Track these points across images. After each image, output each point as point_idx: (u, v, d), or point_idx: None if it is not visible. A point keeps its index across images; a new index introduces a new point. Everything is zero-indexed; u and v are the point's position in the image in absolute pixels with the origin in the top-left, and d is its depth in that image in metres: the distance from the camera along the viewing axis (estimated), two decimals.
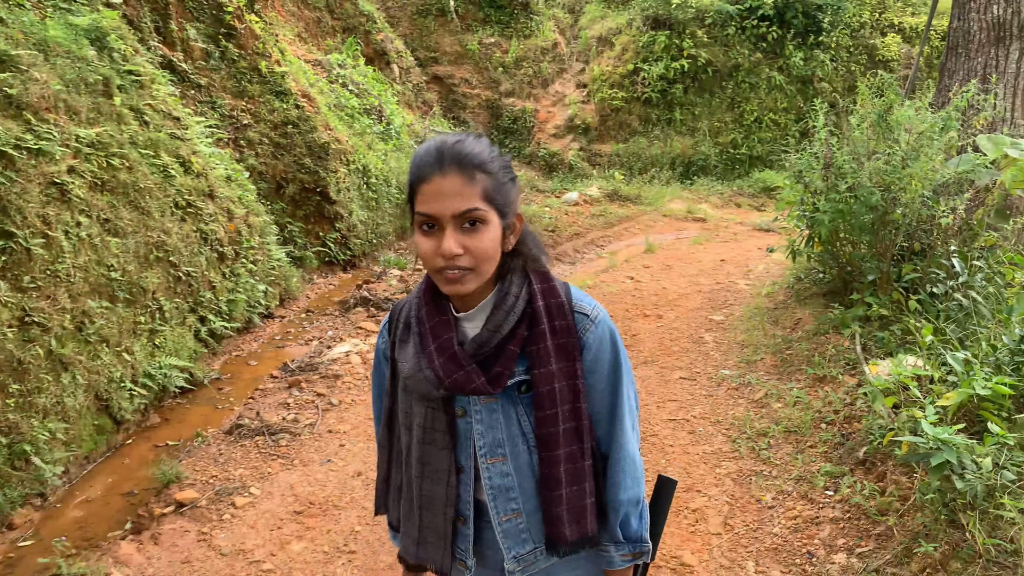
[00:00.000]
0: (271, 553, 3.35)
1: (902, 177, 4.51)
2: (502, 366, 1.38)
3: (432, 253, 1.30)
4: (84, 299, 4.41)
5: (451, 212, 1.28)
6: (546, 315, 1.42)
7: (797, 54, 15.17)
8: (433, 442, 1.44)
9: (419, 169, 1.31)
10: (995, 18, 6.04)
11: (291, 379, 5.27)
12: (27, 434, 3.84)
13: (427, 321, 1.42)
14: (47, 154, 4.32)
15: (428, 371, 1.39)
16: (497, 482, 1.46)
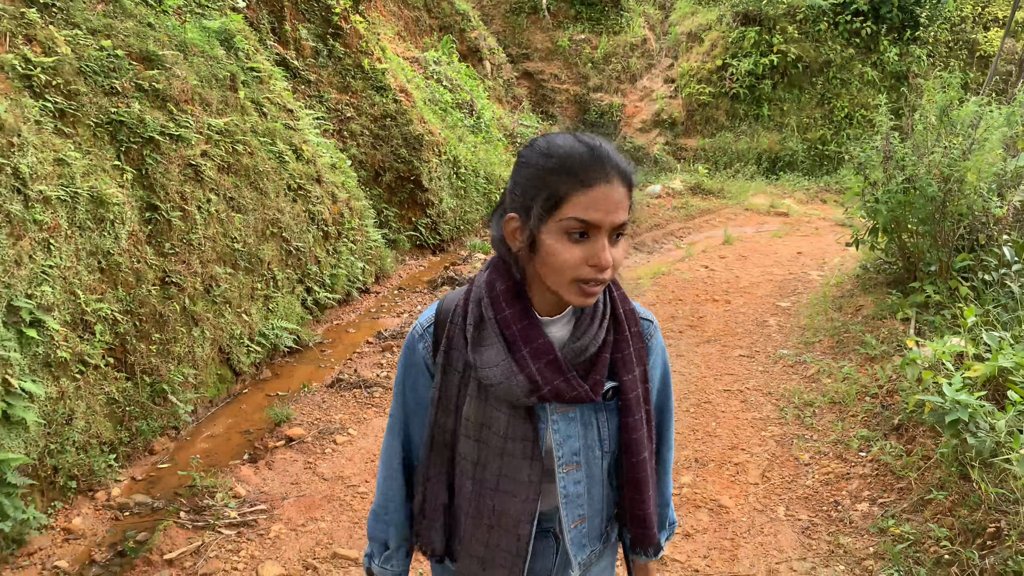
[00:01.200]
0: (365, 480, 3.94)
1: (959, 170, 4.73)
2: (599, 373, 1.36)
3: (578, 262, 1.24)
4: (212, 265, 5.12)
5: (611, 223, 1.22)
6: (626, 321, 1.41)
7: (892, 50, 14.96)
8: (514, 453, 1.36)
9: (580, 173, 1.23)
10: None
11: (384, 344, 5.89)
12: (165, 376, 4.56)
13: (514, 324, 1.34)
14: (185, 140, 5.05)
15: (521, 377, 1.31)
16: (571, 490, 1.43)
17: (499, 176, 10.66)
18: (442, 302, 1.45)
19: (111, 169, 4.52)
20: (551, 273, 1.27)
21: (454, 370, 1.39)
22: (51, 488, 3.76)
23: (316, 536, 3.46)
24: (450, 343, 1.40)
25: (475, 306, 1.37)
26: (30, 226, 3.77)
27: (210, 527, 3.51)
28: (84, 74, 4.54)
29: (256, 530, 3.50)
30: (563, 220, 1.22)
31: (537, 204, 1.25)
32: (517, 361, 1.32)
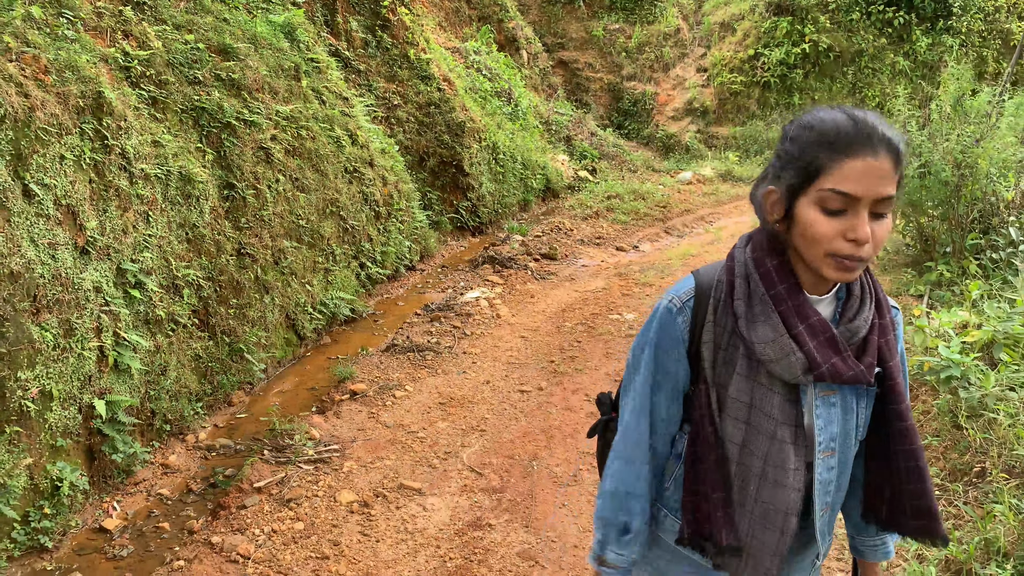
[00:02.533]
0: (423, 427, 4.44)
1: (971, 156, 5.09)
2: (871, 356, 1.32)
3: (834, 235, 1.21)
4: (280, 239, 5.65)
5: (875, 195, 1.19)
6: (886, 307, 1.39)
7: (924, 39, 15.10)
8: (782, 438, 1.32)
9: (842, 141, 1.20)
10: None
11: (432, 315, 6.39)
12: (241, 337, 5.10)
13: (788, 299, 1.30)
14: (257, 125, 5.57)
15: (799, 354, 1.28)
16: (824, 476, 1.39)
17: (535, 162, 11.11)
18: (699, 275, 1.41)
19: (195, 151, 5.05)
20: (807, 246, 1.25)
21: (720, 347, 1.36)
22: (149, 430, 4.31)
23: (383, 471, 3.97)
24: (716, 318, 1.36)
25: (742, 281, 1.34)
26: (134, 200, 4.30)
27: (291, 462, 4.04)
28: (172, 65, 5.06)
29: (331, 465, 4.02)
30: (820, 191, 1.21)
31: (794, 175, 1.24)
32: (795, 337, 1.28)
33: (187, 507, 3.86)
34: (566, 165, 12.49)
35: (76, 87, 3.97)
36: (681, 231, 10.22)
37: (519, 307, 6.71)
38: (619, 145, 14.53)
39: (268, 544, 3.39)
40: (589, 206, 10.83)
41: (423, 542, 3.41)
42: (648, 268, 7.91)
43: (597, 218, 10.40)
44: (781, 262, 1.32)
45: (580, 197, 11.39)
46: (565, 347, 5.69)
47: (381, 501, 3.71)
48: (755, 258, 1.34)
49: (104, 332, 3.93)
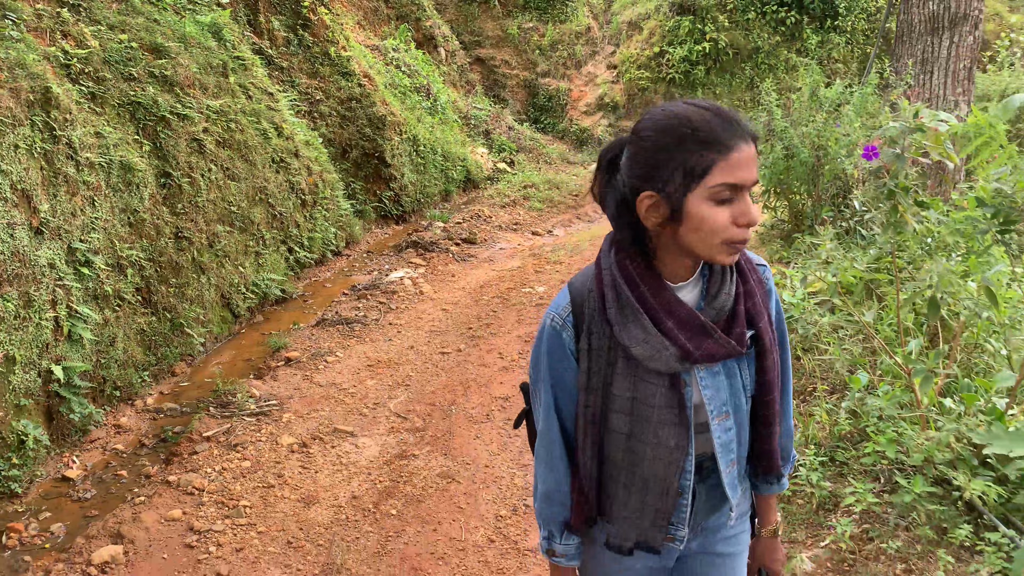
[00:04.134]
0: (353, 385, 4.99)
1: (824, 139, 5.93)
2: (740, 326, 1.41)
3: (726, 223, 1.29)
4: (214, 224, 6.09)
5: (753, 180, 1.30)
6: (748, 271, 1.47)
7: (814, 37, 16.30)
8: (664, 421, 1.43)
9: (720, 137, 1.28)
10: (931, 12, 7.34)
11: (359, 294, 6.91)
12: (181, 313, 5.54)
13: (652, 298, 1.39)
14: (190, 118, 5.99)
15: (673, 348, 1.37)
16: (724, 437, 1.50)
17: (455, 154, 11.69)
18: (572, 287, 1.50)
19: (132, 142, 5.45)
20: (701, 239, 1.31)
21: (598, 352, 1.44)
22: (101, 395, 4.73)
23: (319, 420, 4.51)
24: (590, 327, 1.44)
25: (610, 289, 1.41)
26: (81, 186, 4.72)
27: (235, 416, 4.54)
28: (108, 63, 5.46)
29: (271, 417, 4.54)
30: (712, 187, 1.27)
31: (677, 176, 1.28)
32: (666, 333, 1.37)
33: (141, 458, 4.32)
34: (485, 157, 13.11)
35: (26, 83, 4.37)
36: (592, 217, 10.96)
37: (441, 285, 7.30)
38: (535, 139, 15.24)
39: (219, 479, 3.89)
40: (507, 195, 11.47)
41: (356, 471, 3.98)
42: (559, 249, 8.60)
43: (515, 206, 11.05)
44: (642, 263, 1.40)
45: (499, 187, 12.03)
46: (482, 316, 6.31)
47: (318, 443, 4.25)
48: (618, 262, 1.41)
49: (59, 305, 4.35)
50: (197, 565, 3.26)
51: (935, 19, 7.33)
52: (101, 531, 3.48)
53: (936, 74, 7.36)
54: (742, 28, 16.42)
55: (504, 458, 4.07)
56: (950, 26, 7.28)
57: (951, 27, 7.28)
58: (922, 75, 7.49)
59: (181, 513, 3.62)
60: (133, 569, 3.25)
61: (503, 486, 3.81)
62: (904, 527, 2.83)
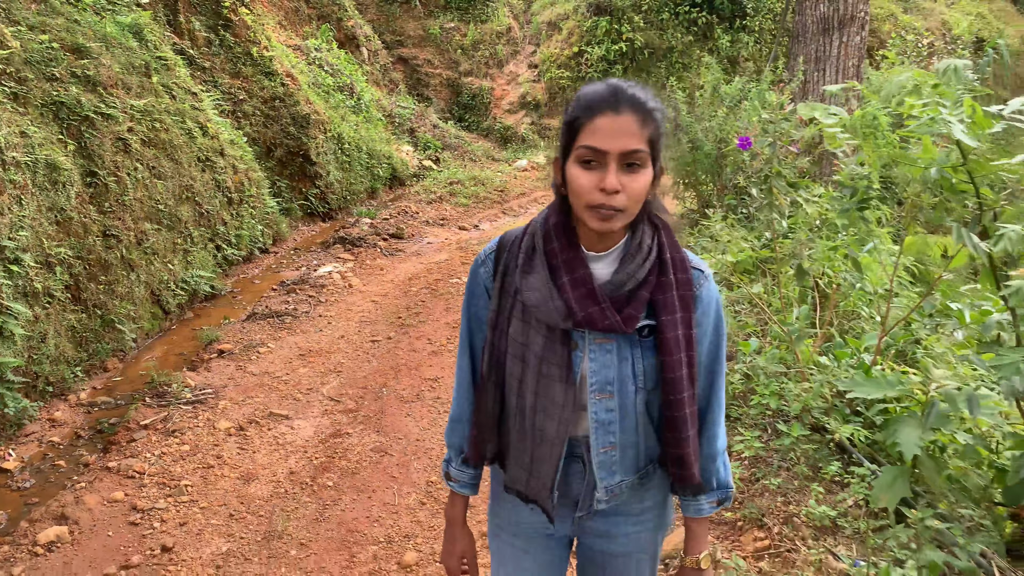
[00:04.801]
0: (286, 373, 5.18)
1: (724, 131, 6.39)
2: (634, 308, 1.43)
3: (590, 187, 1.34)
4: (141, 222, 6.16)
5: (619, 149, 1.33)
6: (672, 267, 1.47)
7: (724, 37, 17.04)
8: (550, 375, 1.47)
9: (590, 104, 1.36)
10: (822, 14, 7.93)
11: (288, 288, 7.07)
12: (112, 310, 5.61)
13: (560, 254, 1.45)
14: (114, 118, 6.05)
15: (559, 302, 1.42)
16: (602, 417, 1.51)
17: (380, 152, 11.86)
18: (505, 234, 1.60)
19: (57, 142, 5.50)
20: (574, 200, 1.39)
21: (507, 294, 1.52)
22: (34, 391, 4.80)
23: (254, 406, 4.70)
24: (506, 269, 1.52)
25: (529, 237, 1.51)
26: (7, 184, 4.77)
27: (172, 404, 4.68)
28: (30, 63, 5.49)
29: (207, 405, 4.70)
30: (578, 149, 1.36)
31: (563, 138, 1.41)
32: (558, 287, 1.43)
33: (79, 448, 4.42)
34: (411, 155, 13.31)
35: None
36: (517, 212, 11.30)
37: (370, 278, 7.51)
38: (460, 136, 15.50)
39: (159, 463, 4.05)
40: (433, 191, 11.71)
41: (293, 450, 4.19)
42: (486, 242, 8.90)
43: (441, 202, 11.30)
44: (560, 220, 1.48)
45: (425, 184, 12.26)
46: (411, 306, 6.56)
47: (254, 426, 4.44)
48: (544, 218, 1.51)
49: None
50: (142, 540, 3.44)
51: (826, 20, 7.92)
52: (44, 514, 3.61)
53: (828, 71, 7.96)
54: (657, 28, 17.04)
55: (434, 432, 4.35)
56: (839, 27, 7.87)
57: (840, 28, 7.87)
58: (816, 72, 8.08)
59: (123, 495, 3.77)
60: (79, 547, 3.40)
61: (433, 456, 4.09)
62: (785, 467, 3.23)
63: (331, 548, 3.34)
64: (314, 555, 3.30)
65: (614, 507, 1.64)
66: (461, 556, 1.74)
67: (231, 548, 3.37)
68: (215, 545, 3.39)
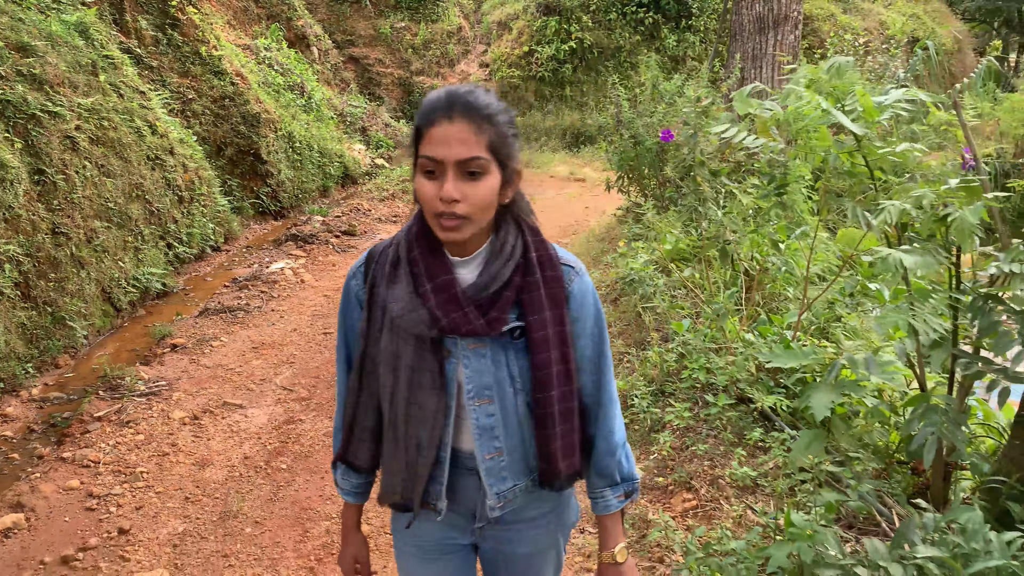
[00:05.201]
0: (240, 365, 5.28)
1: (665, 126, 6.64)
2: (499, 311, 1.43)
3: (432, 196, 1.34)
4: (92, 220, 6.19)
5: (455, 158, 1.31)
6: (539, 266, 1.47)
7: (671, 36, 17.44)
8: (421, 384, 1.46)
9: (427, 113, 1.34)
10: (757, 13, 8.26)
11: (240, 285, 7.13)
12: (63, 307, 5.64)
13: (422, 261, 1.45)
14: (61, 116, 6.07)
15: (423, 310, 1.42)
16: (483, 422, 1.51)
17: (332, 150, 11.92)
18: (374, 246, 1.58)
19: (3, 140, 5.52)
20: (423, 211, 1.40)
21: (377, 306, 1.51)
22: None
23: (208, 396, 4.80)
24: (375, 281, 1.52)
25: (394, 248, 1.50)
26: None
27: (125, 397, 4.76)
28: None
29: (162, 396, 4.78)
30: (420, 159, 1.35)
31: (411, 148, 1.40)
32: (421, 295, 1.42)
33: (32, 442, 4.48)
34: (363, 154, 13.39)
35: None
36: None
37: (322, 274, 7.61)
38: None
39: (114, 452, 4.14)
40: (386, 189, 11.82)
41: (247, 437, 4.31)
42: None
43: (393, 200, 11.41)
44: (422, 228, 1.47)
45: (377, 182, 12.35)
46: None
47: (209, 415, 4.55)
48: (408, 227, 1.51)
49: None
50: (99, 523, 3.53)
51: (761, 20, 8.25)
52: (2, 502, 3.68)
53: (764, 68, 8.29)
54: (605, 28, 17.35)
55: None
56: (774, 26, 8.22)
57: (775, 27, 8.22)
58: (752, 69, 8.41)
59: (79, 483, 3.85)
60: (36, 532, 3.49)
61: None
62: (712, 435, 3.47)
63: (285, 525, 3.48)
64: (269, 532, 3.43)
65: (512, 514, 1.62)
66: (354, 560, 1.75)
67: (187, 528, 3.48)
68: (171, 526, 3.50)
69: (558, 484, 1.56)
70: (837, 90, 2.50)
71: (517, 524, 1.65)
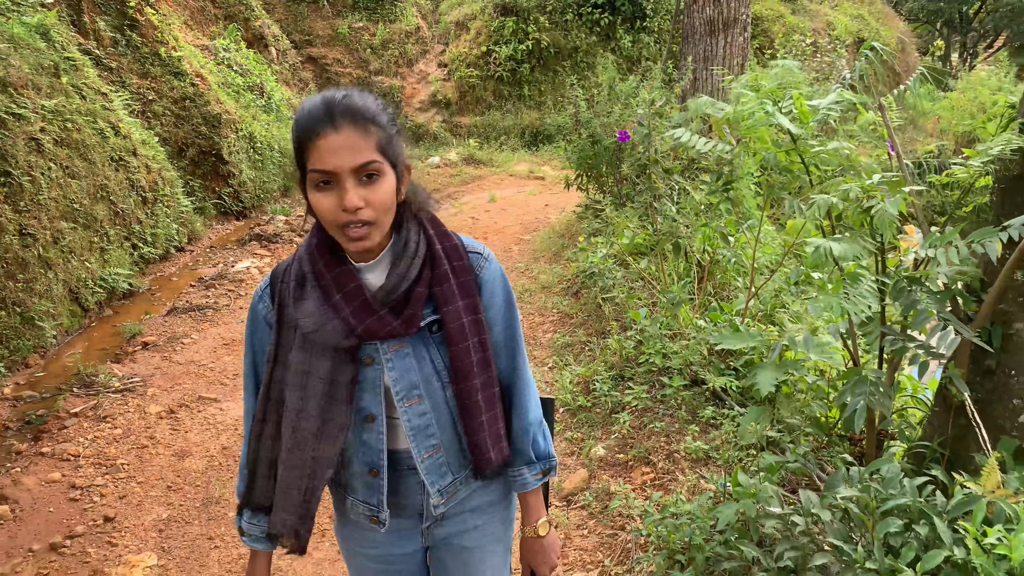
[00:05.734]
0: (212, 361, 5.40)
1: (622, 125, 6.91)
2: (413, 307, 1.42)
3: (333, 209, 1.30)
4: (58, 221, 6.24)
5: (349, 166, 1.29)
6: (445, 257, 1.46)
7: (626, 37, 17.79)
8: (334, 397, 1.44)
9: (309, 125, 1.30)
10: (708, 16, 8.59)
11: (207, 284, 7.22)
12: (31, 308, 5.70)
13: (327, 273, 1.42)
14: (26, 118, 6.11)
15: (336, 321, 1.39)
16: (416, 422, 1.50)
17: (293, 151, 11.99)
18: (277, 266, 1.54)
19: None
20: (324, 224, 1.36)
21: (287, 326, 1.47)
22: None
23: (183, 391, 4.92)
24: (282, 300, 1.48)
25: (297, 264, 1.47)
26: None
27: (100, 393, 4.85)
28: None
29: (137, 392, 4.89)
30: (310, 173, 1.31)
31: (296, 165, 1.36)
32: (333, 307, 1.40)
33: (8, 439, 4.55)
34: None
35: None
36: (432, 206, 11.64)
37: None
38: None
39: (93, 446, 4.25)
40: None
41: (223, 429, 4.45)
42: None
43: None
44: (323, 238, 1.44)
45: None
46: None
47: (185, 409, 4.68)
48: (308, 241, 1.48)
49: None
50: (84, 513, 3.66)
51: (712, 23, 8.58)
52: None
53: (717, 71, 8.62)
54: (561, 29, 17.63)
55: None
56: (724, 28, 8.55)
57: (725, 29, 8.55)
58: (704, 70, 8.73)
59: (60, 475, 3.96)
60: (22, 522, 3.60)
61: None
62: (668, 414, 3.72)
63: None
64: None
65: (457, 506, 1.63)
66: None
67: (171, 515, 3.63)
68: (156, 513, 3.65)
69: (491, 472, 1.57)
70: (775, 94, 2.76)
71: (462, 515, 1.65)
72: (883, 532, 1.81)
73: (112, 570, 3.23)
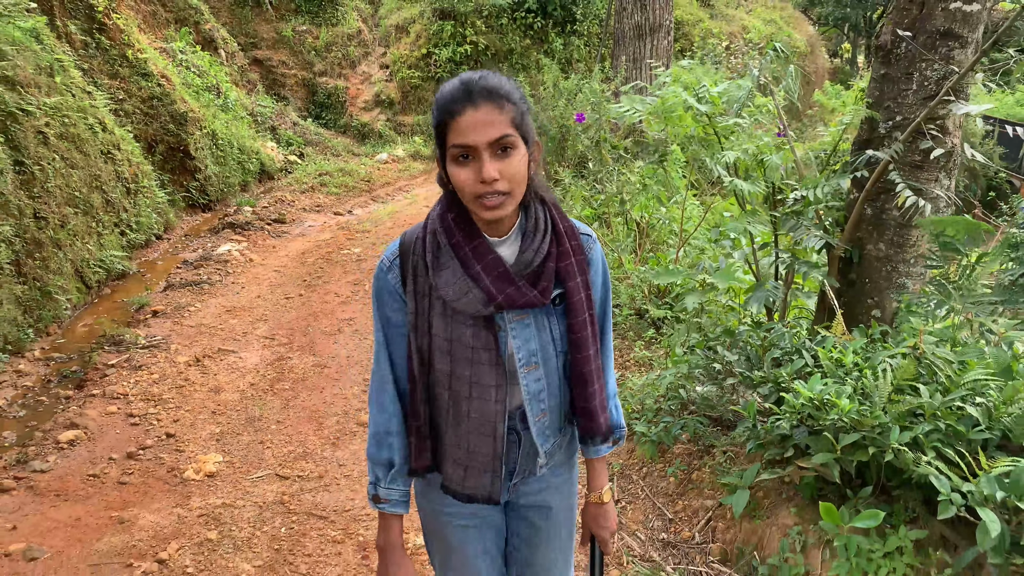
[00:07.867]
0: (220, 324, 6.17)
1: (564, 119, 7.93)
2: (546, 280, 1.53)
3: (471, 180, 1.40)
4: (63, 207, 6.89)
5: (486, 140, 1.38)
6: (566, 236, 1.58)
7: (558, 40, 18.90)
8: (480, 360, 1.54)
9: (450, 105, 1.41)
10: (636, 22, 9.69)
11: (194, 265, 7.93)
12: (48, 283, 6.36)
13: (465, 245, 1.50)
14: (33, 114, 6.75)
15: (477, 290, 1.48)
16: (532, 388, 1.62)
17: (249, 147, 12.64)
18: (404, 236, 1.60)
19: None
20: (461, 195, 1.46)
21: (423, 295, 1.55)
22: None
23: (202, 346, 5.69)
24: (415, 271, 1.55)
25: (431, 236, 1.54)
26: None
27: (131, 349, 5.59)
28: None
29: (161, 348, 5.64)
30: (451, 148, 1.42)
31: (436, 141, 1.47)
32: (472, 277, 1.49)
33: (55, 388, 5.26)
34: (275, 151, 14.11)
35: None
36: (385, 199, 12.46)
37: (267, 254, 8.48)
38: (320, 133, 16.40)
39: (138, 387, 5.01)
40: (305, 183, 12.64)
41: (246, 372, 5.26)
42: (364, 222, 10.04)
43: (314, 191, 12.26)
44: (459, 214, 1.52)
45: (295, 176, 13.15)
46: (312, 273, 7.64)
47: (209, 358, 5.46)
48: (440, 215, 1.54)
49: None
50: (147, 432, 4.44)
51: (640, 28, 9.69)
52: (56, 424, 4.52)
53: (643, 69, 9.72)
54: (497, 32, 18.63)
55: (360, 352, 5.54)
56: (651, 32, 9.67)
57: (652, 33, 9.67)
58: (634, 70, 9.83)
59: (116, 408, 4.72)
60: (95, 442, 4.36)
61: (364, 367, 5.29)
62: (619, 335, 4.73)
63: (302, 421, 4.51)
64: (290, 426, 4.45)
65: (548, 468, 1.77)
66: None
67: (223, 430, 4.45)
68: (208, 430, 4.46)
69: (599, 438, 1.72)
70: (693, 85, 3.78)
71: (550, 476, 1.80)
72: (770, 359, 2.83)
73: (187, 466, 4.04)
